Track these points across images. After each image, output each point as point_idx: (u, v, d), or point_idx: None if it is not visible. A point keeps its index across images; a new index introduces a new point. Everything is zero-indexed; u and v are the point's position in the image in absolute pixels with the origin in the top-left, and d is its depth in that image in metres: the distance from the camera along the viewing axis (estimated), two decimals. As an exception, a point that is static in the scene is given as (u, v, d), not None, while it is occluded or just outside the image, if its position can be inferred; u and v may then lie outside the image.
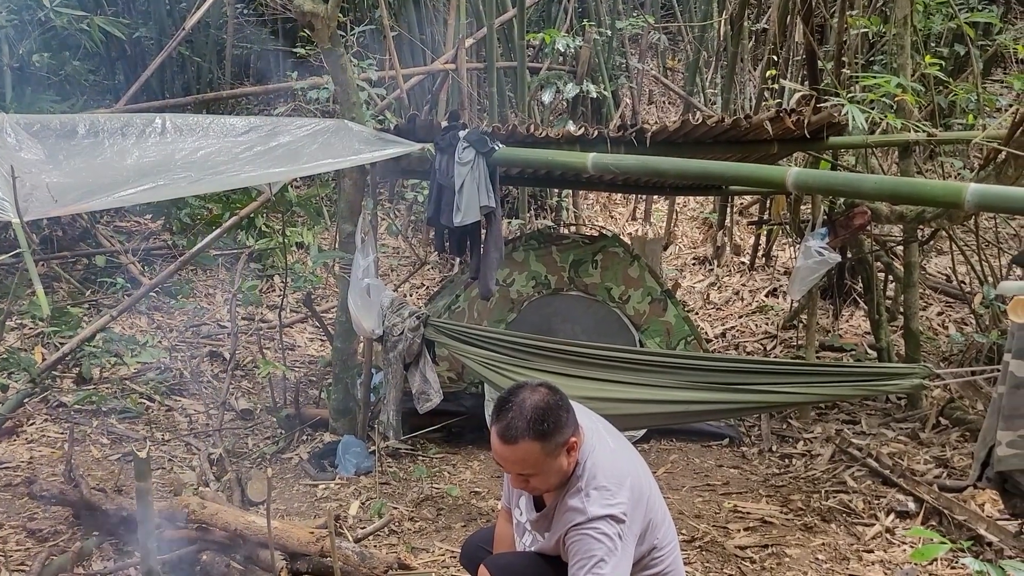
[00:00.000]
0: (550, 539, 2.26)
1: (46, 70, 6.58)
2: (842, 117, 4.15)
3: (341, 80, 4.38)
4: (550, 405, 2.14)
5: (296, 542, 2.98)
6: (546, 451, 2.11)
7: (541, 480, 2.16)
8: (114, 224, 7.60)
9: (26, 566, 3.22)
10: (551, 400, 2.15)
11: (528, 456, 2.10)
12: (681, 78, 10.46)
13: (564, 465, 2.16)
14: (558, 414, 2.14)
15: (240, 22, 10.13)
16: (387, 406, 4.36)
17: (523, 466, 2.13)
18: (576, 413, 2.23)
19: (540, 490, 2.23)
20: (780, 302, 7.13)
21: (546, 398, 2.15)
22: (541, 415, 2.11)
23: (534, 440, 2.09)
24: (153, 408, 5.18)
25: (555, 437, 2.12)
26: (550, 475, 2.15)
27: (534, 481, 2.17)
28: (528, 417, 2.10)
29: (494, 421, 2.16)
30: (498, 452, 2.15)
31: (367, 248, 4.28)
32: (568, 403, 2.20)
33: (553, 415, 2.13)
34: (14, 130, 3.17)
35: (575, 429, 2.19)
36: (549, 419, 2.11)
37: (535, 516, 2.32)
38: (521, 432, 2.09)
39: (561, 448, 2.14)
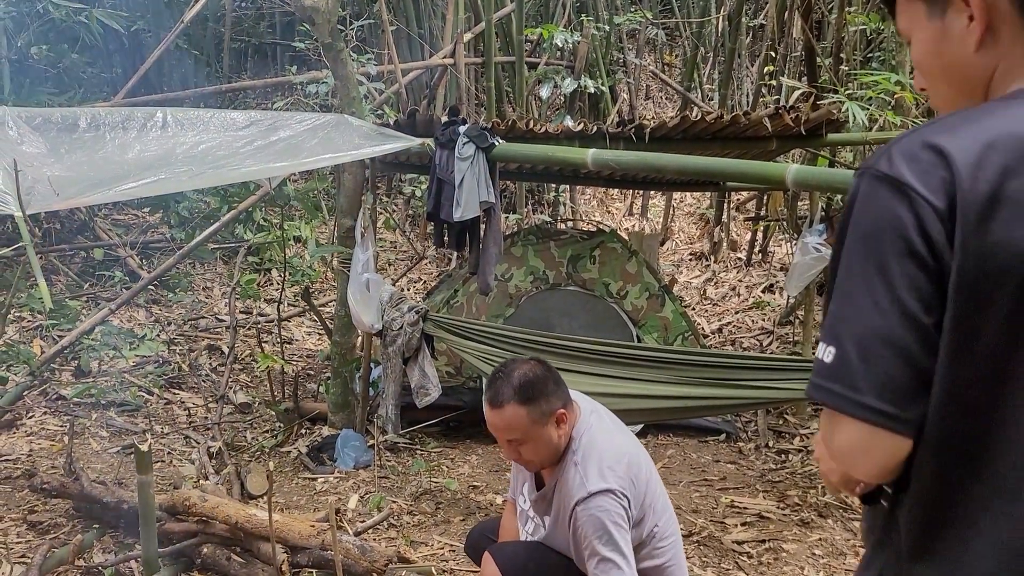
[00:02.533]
0: (552, 522, 2.29)
1: (44, 62, 6.56)
2: (841, 114, 4.17)
3: (341, 75, 4.38)
4: (537, 375, 2.23)
5: (297, 535, 3.00)
6: (532, 417, 2.19)
7: (530, 449, 2.23)
8: (112, 217, 7.59)
9: (27, 558, 3.23)
10: (539, 371, 2.25)
11: (514, 421, 2.19)
12: (678, 74, 10.47)
13: (554, 437, 2.22)
14: (545, 384, 2.23)
15: (238, 15, 10.11)
16: (386, 400, 4.38)
17: (510, 431, 2.21)
18: (575, 395, 2.31)
19: (533, 462, 2.29)
20: (777, 298, 7.15)
21: (534, 369, 2.25)
22: (527, 382, 2.21)
23: (519, 404, 2.18)
24: (152, 401, 5.19)
25: (540, 404, 2.19)
26: (539, 445, 2.22)
27: (524, 451, 2.24)
28: (514, 384, 2.20)
29: (485, 391, 2.27)
30: (488, 419, 2.24)
31: (366, 242, 4.29)
32: (558, 378, 2.27)
33: (540, 384, 2.22)
34: (16, 123, 3.17)
35: (566, 403, 2.25)
36: (535, 386, 2.20)
37: (535, 496, 2.36)
38: (507, 397, 2.18)
39: (548, 418, 2.21)
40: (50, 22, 6.34)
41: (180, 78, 9.08)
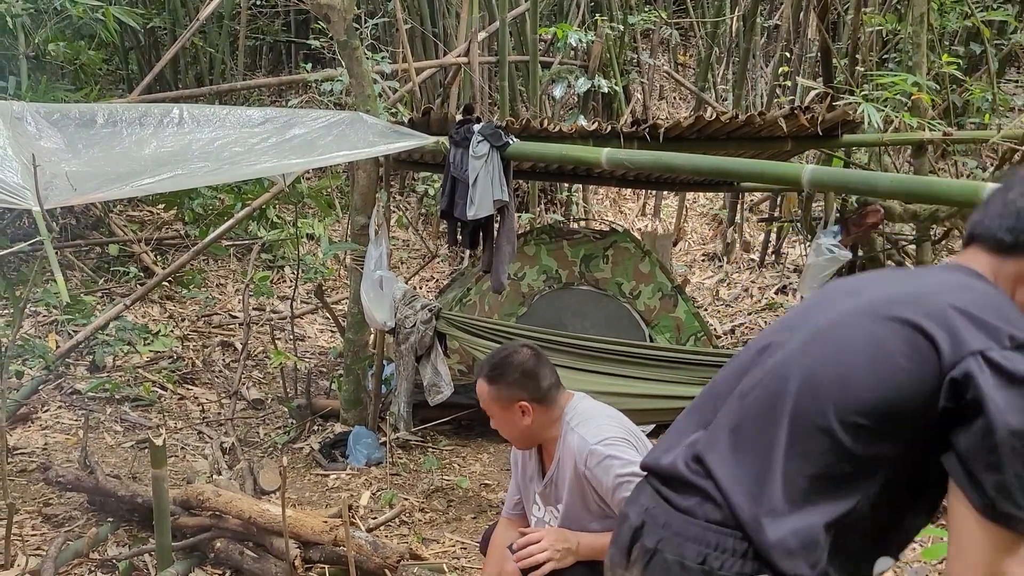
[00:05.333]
0: (566, 499, 2.28)
1: (61, 59, 6.60)
2: (857, 115, 4.15)
3: (356, 72, 4.39)
4: (512, 361, 2.29)
5: (310, 531, 3.01)
6: (494, 396, 2.28)
7: (498, 424, 2.34)
8: (127, 213, 7.64)
9: (42, 551, 3.25)
10: (518, 358, 2.29)
11: (482, 394, 2.30)
12: (692, 74, 10.44)
13: (517, 422, 2.29)
14: (515, 371, 2.27)
15: (253, 13, 10.15)
16: (398, 398, 4.39)
17: (482, 402, 2.32)
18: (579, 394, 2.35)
19: (508, 438, 2.37)
20: (790, 299, 7.12)
21: (517, 355, 2.31)
22: (498, 363, 2.30)
23: (485, 381, 2.29)
24: (166, 396, 5.22)
25: (502, 388, 2.26)
26: (503, 423, 2.32)
27: (495, 423, 2.35)
28: (491, 361, 2.32)
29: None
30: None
31: (380, 240, 4.30)
32: (538, 372, 2.28)
33: (511, 368, 2.27)
34: (34, 119, 3.20)
35: (538, 397, 2.27)
36: (505, 370, 2.27)
37: (542, 486, 2.37)
38: (481, 372, 2.32)
39: (510, 403, 2.27)
40: (67, 19, 6.38)
41: (196, 75, 9.13)
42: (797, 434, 1.24)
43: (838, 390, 1.23)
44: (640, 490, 1.45)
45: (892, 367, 1.20)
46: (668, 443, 1.47)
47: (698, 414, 1.45)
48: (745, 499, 1.24)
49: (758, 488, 1.24)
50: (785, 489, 1.22)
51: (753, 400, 1.32)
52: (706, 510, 1.29)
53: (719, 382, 1.47)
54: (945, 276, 1.31)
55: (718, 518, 1.27)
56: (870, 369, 1.22)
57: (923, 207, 4.57)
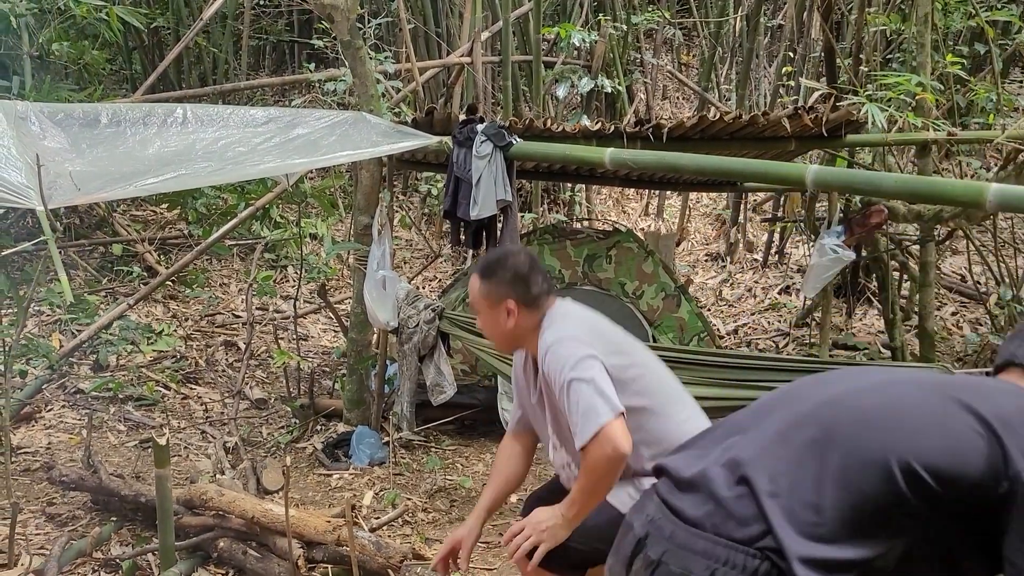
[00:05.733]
0: (551, 411, 2.29)
1: (65, 59, 6.61)
2: (861, 115, 4.14)
3: (360, 72, 4.39)
4: (507, 261, 2.31)
5: (313, 531, 3.01)
6: (483, 292, 2.30)
7: (483, 322, 2.38)
8: (131, 213, 7.65)
9: (46, 550, 3.26)
10: (512, 260, 2.32)
11: (473, 289, 2.33)
12: (696, 74, 10.43)
13: (501, 322, 2.29)
14: (510, 272, 2.28)
15: (257, 13, 10.16)
16: (401, 397, 4.39)
17: (472, 297, 2.35)
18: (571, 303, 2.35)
19: (490, 337, 2.41)
20: (793, 299, 7.11)
21: (512, 255, 2.34)
22: (492, 260, 2.34)
23: (476, 276, 2.32)
24: (169, 396, 5.22)
25: (493, 285, 2.28)
26: (488, 321, 2.34)
27: (479, 321, 2.39)
28: (485, 259, 2.37)
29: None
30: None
31: (383, 240, 4.30)
32: (531, 277, 2.28)
33: (504, 267, 2.29)
34: (38, 119, 3.20)
35: (525, 301, 2.27)
36: (497, 267, 2.29)
37: (535, 398, 2.38)
38: (476, 268, 2.36)
39: (499, 302, 2.27)
40: (71, 19, 6.39)
41: (199, 75, 9.14)
42: (851, 466, 1.25)
43: (906, 438, 1.25)
44: (646, 499, 1.44)
45: (963, 445, 1.24)
46: (692, 455, 1.45)
47: (732, 432, 1.44)
48: (787, 521, 1.23)
49: (806, 512, 1.24)
50: (829, 516, 1.23)
51: (804, 427, 1.32)
52: (724, 526, 1.27)
53: (756, 408, 1.48)
54: (1001, 384, 1.38)
55: (738, 535, 1.26)
56: (940, 436, 1.26)
57: (927, 207, 4.56)
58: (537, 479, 4.25)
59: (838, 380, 1.43)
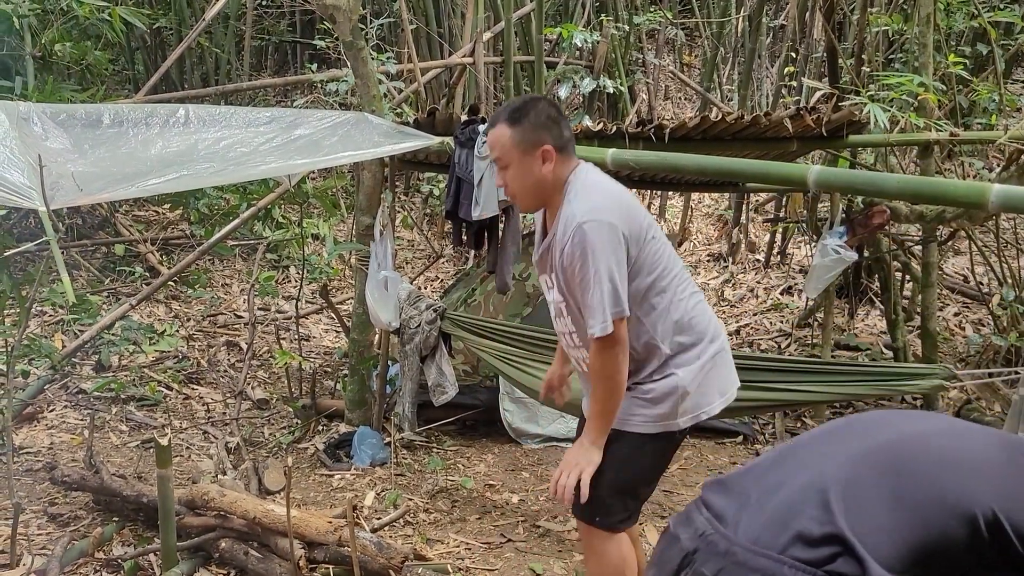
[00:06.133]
0: (558, 270, 2.27)
1: (67, 59, 6.62)
2: (863, 116, 4.13)
3: (362, 73, 4.40)
4: (538, 104, 2.26)
5: (314, 531, 3.01)
6: (515, 140, 2.21)
7: (512, 176, 2.27)
8: (133, 213, 7.66)
9: (47, 550, 3.27)
10: (541, 104, 2.27)
11: (502, 139, 2.23)
12: (698, 74, 10.43)
13: (536, 171, 2.24)
14: (539, 114, 2.23)
15: (259, 13, 10.17)
16: (403, 398, 4.39)
17: (494, 148, 2.26)
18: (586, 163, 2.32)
19: (515, 194, 2.31)
20: (795, 300, 7.10)
21: (537, 100, 2.30)
22: (521, 106, 2.24)
23: (505, 123, 2.22)
24: (171, 396, 5.23)
25: (527, 130, 2.21)
26: (520, 172, 2.24)
27: (507, 177, 2.28)
28: (509, 107, 2.26)
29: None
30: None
31: (385, 240, 4.30)
32: (561, 122, 2.27)
33: (535, 111, 2.23)
34: (40, 119, 3.20)
35: (560, 147, 2.25)
36: (528, 111, 2.22)
37: (540, 252, 2.37)
38: (499, 116, 2.25)
39: (534, 149, 2.22)
40: (74, 19, 6.40)
41: (201, 76, 9.15)
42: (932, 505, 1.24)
43: (992, 489, 1.24)
44: (693, 513, 1.41)
45: None
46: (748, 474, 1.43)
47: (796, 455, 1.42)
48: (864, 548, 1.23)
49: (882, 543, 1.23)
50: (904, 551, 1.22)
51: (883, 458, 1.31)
52: (791, 546, 1.26)
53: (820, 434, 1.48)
54: None
55: (804, 556, 1.24)
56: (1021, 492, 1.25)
57: (929, 208, 4.55)
58: (539, 479, 4.26)
59: (916, 419, 1.43)
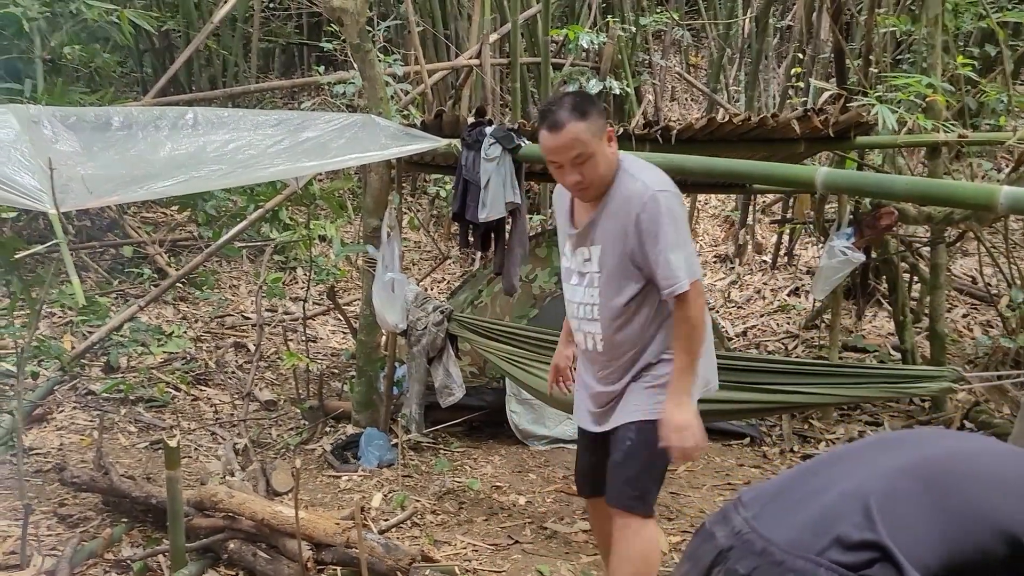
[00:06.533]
0: (606, 242, 2.45)
1: (76, 62, 6.66)
2: (871, 117, 4.12)
3: (369, 75, 4.41)
4: (585, 95, 2.44)
5: (322, 533, 3.02)
6: (591, 131, 2.35)
7: (591, 167, 2.38)
8: (141, 215, 7.69)
9: (57, 551, 3.28)
10: (586, 94, 2.47)
11: (577, 136, 2.34)
12: (704, 75, 10.42)
13: (608, 154, 2.41)
14: (594, 102, 2.42)
15: (267, 16, 10.20)
16: (410, 399, 4.40)
17: (574, 148, 2.35)
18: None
19: (593, 184, 2.42)
20: (802, 301, 7.09)
21: (580, 92, 2.48)
22: (579, 100, 2.38)
23: (577, 120, 2.33)
24: (179, 397, 5.25)
25: (595, 119, 2.37)
26: (598, 160, 2.38)
27: (586, 169, 2.38)
28: (568, 105, 2.36)
29: (540, 123, 2.42)
30: (550, 146, 2.38)
31: (392, 242, 4.31)
32: (602, 109, 2.48)
33: (589, 101, 2.41)
34: (50, 122, 3.22)
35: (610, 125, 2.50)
36: (586, 103, 2.38)
37: (581, 228, 2.51)
38: (565, 118, 2.34)
39: (602, 133, 2.39)
40: (83, 22, 6.43)
41: (209, 78, 9.18)
42: (974, 521, 1.25)
43: None
44: (730, 512, 1.44)
45: None
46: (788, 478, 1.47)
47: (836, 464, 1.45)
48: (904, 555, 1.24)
49: (922, 552, 1.24)
50: (942, 564, 1.23)
51: (927, 471, 1.33)
52: (829, 549, 1.28)
53: (861, 446, 1.50)
54: None
55: (842, 559, 1.26)
56: None
57: (938, 209, 4.54)
58: (546, 481, 4.26)
59: (962, 438, 1.45)
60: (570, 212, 2.59)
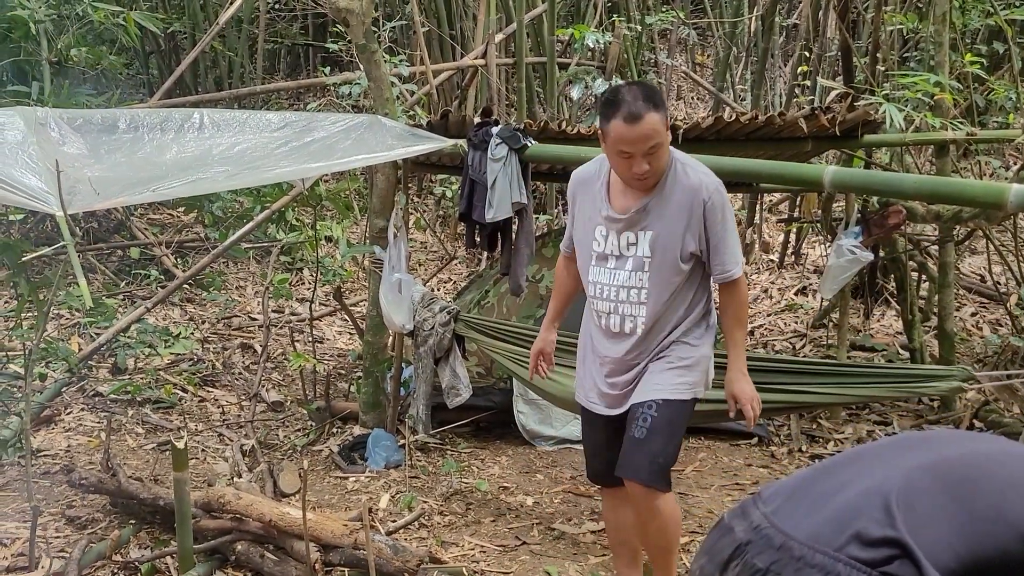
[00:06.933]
0: (660, 233, 2.57)
1: (83, 64, 6.68)
2: (878, 115, 4.11)
3: (375, 76, 4.41)
4: (651, 86, 2.61)
5: (330, 534, 3.02)
6: (664, 121, 2.48)
7: (660, 156, 2.49)
8: (148, 217, 7.71)
9: (66, 553, 3.29)
10: (651, 85, 2.71)
11: (654, 126, 2.43)
12: (711, 74, 10.40)
13: (668, 140, 2.54)
14: (660, 92, 2.58)
15: (272, 17, 10.22)
16: (417, 400, 4.39)
17: (652, 139, 2.44)
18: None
19: (656, 172, 2.52)
20: (810, 301, 7.07)
21: (645, 83, 2.70)
22: (651, 91, 2.50)
23: (654, 111, 2.43)
24: (186, 399, 5.25)
25: (664, 109, 2.50)
26: (665, 147, 2.51)
27: (655, 159, 2.48)
28: (643, 96, 2.44)
29: (613, 115, 2.45)
30: (629, 137, 2.43)
31: (398, 243, 4.31)
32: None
33: (657, 91, 2.54)
34: (57, 125, 3.23)
35: None
36: (657, 93, 2.51)
37: (628, 215, 2.59)
38: (643, 108, 2.41)
39: (668, 122, 2.53)
40: (89, 24, 6.45)
41: (215, 79, 9.20)
42: (998, 522, 1.25)
43: None
44: (749, 507, 1.45)
45: None
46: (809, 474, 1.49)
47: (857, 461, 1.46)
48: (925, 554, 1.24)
49: (944, 552, 1.25)
50: (963, 564, 1.23)
51: (954, 470, 1.33)
52: (848, 545, 1.28)
53: (884, 444, 1.51)
54: None
55: (862, 556, 1.27)
56: None
57: (946, 208, 4.52)
58: (554, 481, 4.25)
59: (986, 440, 1.45)
60: (607, 198, 2.65)
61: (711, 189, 2.55)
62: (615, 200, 2.65)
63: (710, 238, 2.58)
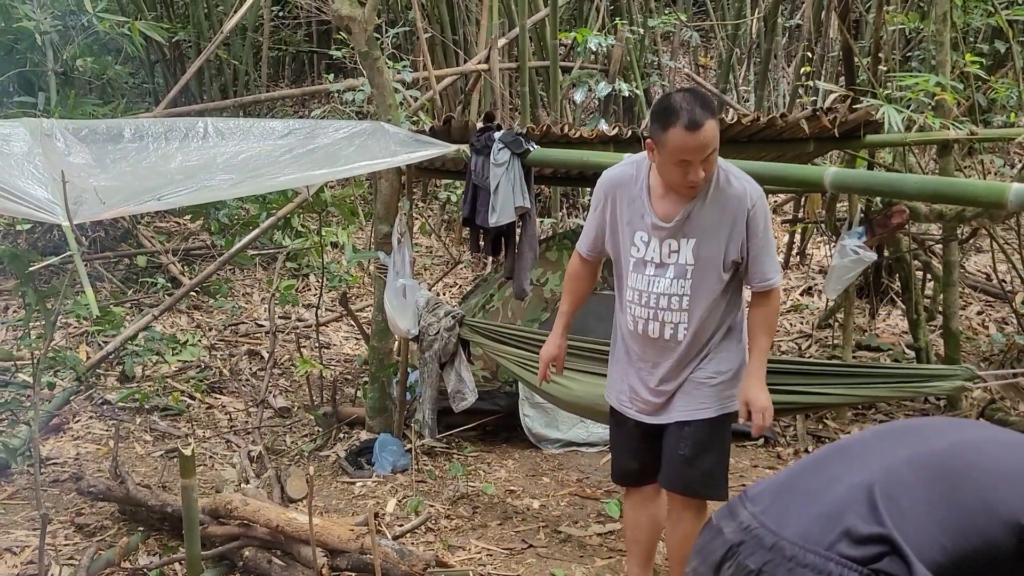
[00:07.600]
0: (701, 241, 2.56)
1: (89, 74, 6.73)
2: (878, 117, 4.11)
3: (378, 82, 4.43)
4: (704, 93, 2.54)
5: (337, 539, 3.03)
6: (717, 128, 2.47)
7: (712, 163, 2.48)
8: (155, 225, 7.75)
9: (75, 560, 3.31)
10: (703, 92, 2.59)
11: (714, 132, 2.43)
12: (714, 76, 10.40)
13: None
14: (712, 98, 2.54)
15: (276, 25, 10.26)
16: (423, 405, 4.40)
17: (711, 144, 2.43)
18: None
19: (708, 179, 2.51)
20: (815, 301, 7.06)
21: (698, 90, 2.55)
22: (706, 98, 2.46)
23: (711, 118, 2.42)
24: (194, 406, 5.28)
25: (717, 114, 2.49)
26: (717, 153, 2.49)
27: (708, 164, 2.46)
28: (700, 103, 2.41)
29: (672, 123, 2.40)
30: (691, 145, 2.40)
31: (403, 248, 4.33)
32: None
33: (710, 98, 2.50)
34: (63, 135, 3.26)
35: None
36: (711, 100, 2.48)
37: (672, 223, 2.57)
38: (704, 115, 2.39)
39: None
40: (94, 35, 6.50)
41: (220, 87, 9.25)
42: (982, 513, 1.26)
43: None
44: (737, 507, 1.45)
45: None
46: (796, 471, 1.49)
47: (847, 456, 1.45)
48: (913, 550, 1.24)
49: (931, 546, 1.25)
50: (950, 556, 1.24)
51: (937, 463, 1.33)
52: (838, 543, 1.28)
53: (873, 437, 1.51)
54: None
55: (852, 553, 1.26)
56: None
57: (949, 207, 4.52)
58: (560, 484, 4.26)
59: (969, 428, 1.47)
60: (649, 204, 2.62)
61: (755, 198, 2.55)
62: (656, 206, 2.61)
63: (751, 247, 2.59)
